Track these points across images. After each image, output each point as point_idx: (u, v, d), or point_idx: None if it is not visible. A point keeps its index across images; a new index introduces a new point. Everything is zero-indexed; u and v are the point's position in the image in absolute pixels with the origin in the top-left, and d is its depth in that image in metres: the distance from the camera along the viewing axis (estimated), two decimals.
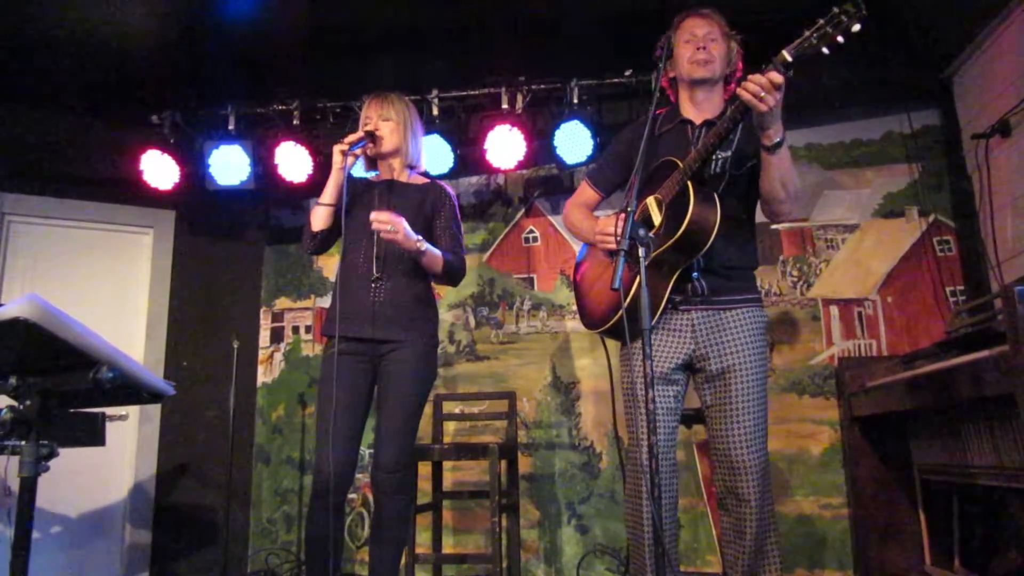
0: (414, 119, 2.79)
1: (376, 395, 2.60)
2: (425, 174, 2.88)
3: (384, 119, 2.70)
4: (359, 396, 2.56)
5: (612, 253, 2.21)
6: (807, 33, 1.80)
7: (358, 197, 2.70)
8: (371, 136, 2.64)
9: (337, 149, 2.58)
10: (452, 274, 2.66)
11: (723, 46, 2.21)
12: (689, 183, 2.04)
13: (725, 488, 2.15)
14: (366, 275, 2.58)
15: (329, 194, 2.61)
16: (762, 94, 1.84)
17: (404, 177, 2.77)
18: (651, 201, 2.16)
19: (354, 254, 2.62)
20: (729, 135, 2.03)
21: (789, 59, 1.82)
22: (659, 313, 2.13)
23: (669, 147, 2.23)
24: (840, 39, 1.76)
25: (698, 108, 2.26)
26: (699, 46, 2.17)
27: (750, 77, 1.87)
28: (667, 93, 2.37)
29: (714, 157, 2.14)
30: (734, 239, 2.18)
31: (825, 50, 1.79)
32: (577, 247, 3.00)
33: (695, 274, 2.14)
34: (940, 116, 3.66)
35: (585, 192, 2.48)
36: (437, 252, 2.58)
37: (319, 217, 2.63)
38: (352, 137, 2.61)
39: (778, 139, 1.97)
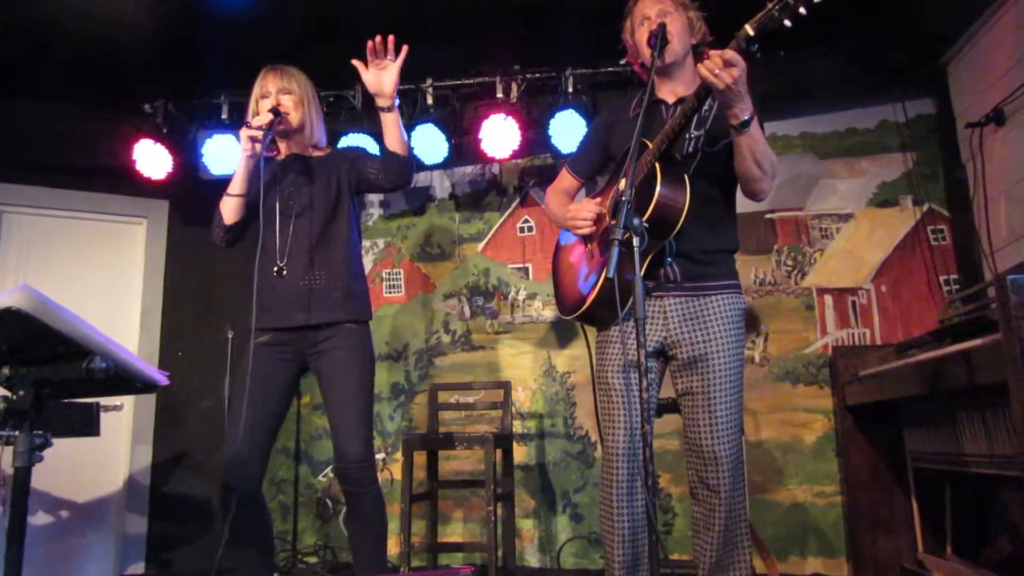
0: (314, 94, 2.60)
1: (321, 389, 2.47)
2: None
3: (285, 92, 2.49)
4: (277, 390, 2.45)
5: (585, 238, 2.19)
6: (769, 5, 1.72)
7: (271, 179, 2.49)
8: (277, 114, 2.40)
9: (245, 135, 2.34)
10: (405, 153, 2.44)
11: (680, 19, 2.10)
12: (657, 164, 1.97)
13: (696, 477, 2.13)
14: (296, 261, 2.43)
15: (239, 184, 2.41)
16: (717, 71, 1.77)
17: (312, 153, 2.62)
18: (622, 185, 2.06)
19: (280, 239, 2.42)
20: (695, 114, 1.96)
21: (751, 33, 1.75)
22: (630, 301, 2.02)
23: (643, 129, 2.13)
24: (802, 10, 1.67)
25: (670, 87, 2.18)
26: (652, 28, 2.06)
27: (711, 54, 1.79)
28: (641, 76, 2.32)
29: (687, 136, 2.09)
30: (711, 221, 2.11)
31: (787, 22, 1.70)
32: None
33: (668, 259, 2.07)
34: (934, 105, 3.66)
35: (564, 179, 2.44)
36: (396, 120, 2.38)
37: (230, 209, 2.43)
38: (261, 120, 2.38)
39: (745, 117, 1.86)
